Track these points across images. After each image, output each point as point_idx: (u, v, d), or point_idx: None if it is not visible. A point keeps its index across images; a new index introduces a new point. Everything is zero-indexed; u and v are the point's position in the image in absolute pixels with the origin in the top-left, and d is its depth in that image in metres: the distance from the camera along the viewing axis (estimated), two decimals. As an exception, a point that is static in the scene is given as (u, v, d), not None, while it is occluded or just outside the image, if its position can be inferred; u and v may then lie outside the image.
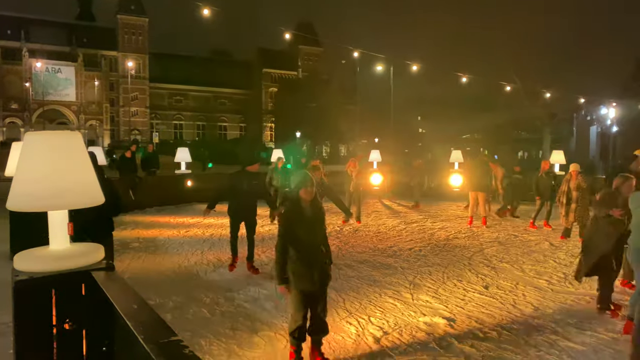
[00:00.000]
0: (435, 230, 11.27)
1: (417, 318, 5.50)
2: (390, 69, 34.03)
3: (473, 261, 8.28)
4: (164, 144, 59.85)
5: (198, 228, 11.44)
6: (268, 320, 5.37)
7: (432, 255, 8.72)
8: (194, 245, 9.54)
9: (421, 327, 5.24)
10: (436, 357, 4.46)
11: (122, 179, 13.98)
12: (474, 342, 4.81)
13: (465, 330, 5.14)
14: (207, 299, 6.11)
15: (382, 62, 25.84)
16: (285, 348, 4.65)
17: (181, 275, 7.34)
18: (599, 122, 39.49)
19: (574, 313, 5.63)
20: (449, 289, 6.62)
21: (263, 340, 4.83)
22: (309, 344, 4.34)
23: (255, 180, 7.64)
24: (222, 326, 5.19)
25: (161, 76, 75.29)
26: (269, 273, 7.41)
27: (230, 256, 7.69)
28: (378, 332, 5.05)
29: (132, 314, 2.06)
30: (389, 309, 5.78)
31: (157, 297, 6.14)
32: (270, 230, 9.94)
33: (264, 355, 4.50)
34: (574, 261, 8.18)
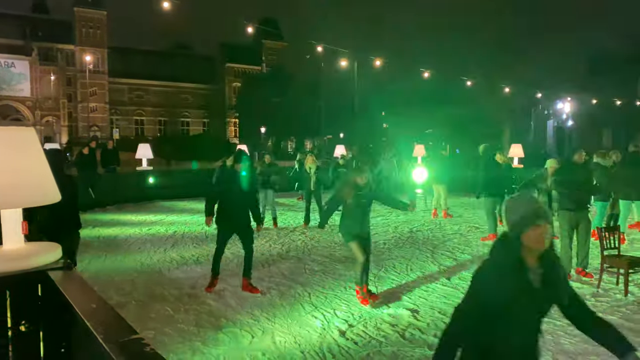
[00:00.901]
0: (399, 224, 11.42)
1: (382, 310, 5.57)
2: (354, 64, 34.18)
3: (436, 253, 8.44)
4: (124, 140, 58.45)
5: (161, 226, 11.25)
6: (233, 317, 5.34)
7: (396, 249, 8.85)
8: (156, 243, 9.38)
9: (385, 318, 5.32)
10: (400, 348, 4.53)
11: (81, 177, 13.60)
12: (437, 332, 4.91)
13: (428, 320, 5.25)
14: (170, 297, 6.03)
15: (345, 57, 25.95)
16: (250, 344, 4.65)
17: (144, 273, 7.20)
18: (556, 117, 40.83)
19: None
20: (413, 281, 6.73)
21: (228, 337, 4.80)
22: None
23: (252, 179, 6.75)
24: (186, 323, 5.14)
25: (121, 71, 73.47)
26: (234, 270, 7.37)
27: (208, 274, 6.51)
28: (343, 325, 5.10)
29: (91, 314, 2.01)
30: (354, 302, 5.84)
31: (119, 297, 6.02)
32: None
33: (228, 351, 4.48)
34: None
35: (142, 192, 15.32)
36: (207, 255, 8.27)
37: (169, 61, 76.81)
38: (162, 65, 75.97)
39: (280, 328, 5.04)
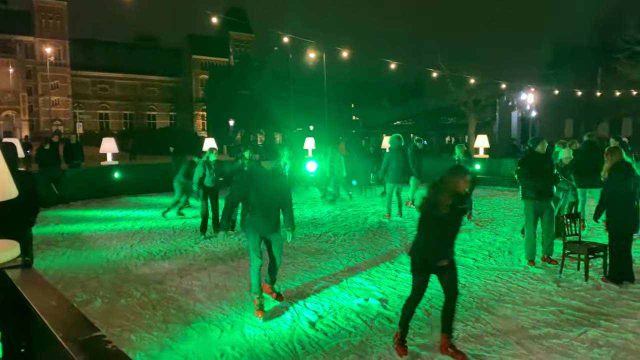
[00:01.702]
0: (369, 215, 11.51)
1: (351, 300, 5.62)
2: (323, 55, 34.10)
3: (404, 243, 8.53)
4: (88, 134, 57.02)
5: (127, 221, 11.04)
6: (201, 312, 5.30)
7: (366, 240, 8.92)
8: (123, 239, 9.20)
9: (355, 309, 5.36)
10: (369, 338, 4.58)
11: (43, 172, 13.21)
12: (405, 320, 4.98)
13: (397, 310, 5.30)
14: (137, 293, 5.93)
15: (314, 48, 25.87)
16: (219, 338, 4.62)
17: (110, 270, 7.06)
18: (520, 108, 41.74)
19: (497, 288, 5.96)
20: (382, 271, 6.80)
21: (196, 332, 4.76)
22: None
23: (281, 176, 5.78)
24: (153, 320, 5.07)
25: (84, 63, 71.43)
26: (202, 265, 7.31)
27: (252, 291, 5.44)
28: (313, 316, 5.12)
29: (50, 312, 1.96)
30: (324, 293, 5.87)
31: (84, 294, 5.89)
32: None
33: (197, 346, 4.44)
34: (497, 239, 8.67)
35: (107, 188, 14.98)
36: (174, 251, 8.18)
37: (133, 53, 75.08)
38: (126, 57, 74.20)
39: (249, 321, 5.02)
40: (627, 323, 4.75)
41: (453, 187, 4.00)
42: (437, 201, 3.98)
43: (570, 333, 4.57)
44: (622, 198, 5.89)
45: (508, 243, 8.32)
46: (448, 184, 4.02)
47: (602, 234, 7.70)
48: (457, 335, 4.57)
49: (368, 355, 4.22)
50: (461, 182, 4.02)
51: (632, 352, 4.15)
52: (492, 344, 4.38)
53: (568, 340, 4.41)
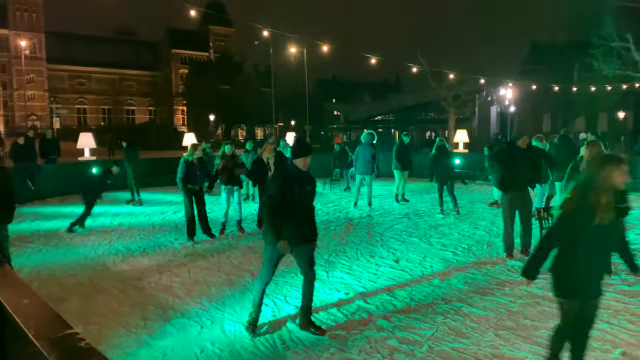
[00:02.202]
0: (350, 209, 11.53)
1: (332, 295, 5.62)
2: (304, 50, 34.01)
3: (385, 237, 8.59)
4: (66, 129, 55.96)
5: (105, 217, 10.88)
6: (181, 308, 5.25)
7: (347, 234, 8.93)
8: (101, 235, 9.07)
9: (335, 302, 5.36)
10: (350, 331, 4.59)
11: (18, 168, 12.93)
12: (386, 314, 5.01)
13: (377, 303, 5.34)
14: (115, 290, 5.85)
15: (295, 42, 25.77)
16: (199, 334, 4.58)
17: (87, 267, 6.94)
18: (499, 103, 42.24)
19: (476, 281, 6.03)
20: (363, 265, 6.82)
21: (175, 328, 4.71)
22: None
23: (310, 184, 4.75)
24: (132, 317, 5.00)
25: (60, 57, 70.03)
26: (181, 261, 7.24)
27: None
28: (293, 311, 5.11)
29: (23, 310, 1.92)
30: (305, 288, 5.85)
31: (60, 292, 5.79)
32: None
33: (176, 342, 4.40)
34: (477, 232, 8.77)
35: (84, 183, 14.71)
36: (153, 247, 8.09)
37: (111, 47, 73.86)
38: (104, 51, 72.96)
39: (230, 317, 4.99)
40: (601, 313, 4.84)
41: (610, 182, 3.06)
42: (596, 204, 3.03)
43: (547, 324, 4.63)
44: None
45: (487, 236, 8.42)
46: (602, 179, 3.06)
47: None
48: (436, 327, 4.61)
49: (348, 348, 4.22)
50: (617, 173, 3.07)
51: (607, 341, 4.24)
52: (470, 336, 4.42)
53: (545, 331, 4.48)
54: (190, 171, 8.23)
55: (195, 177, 8.28)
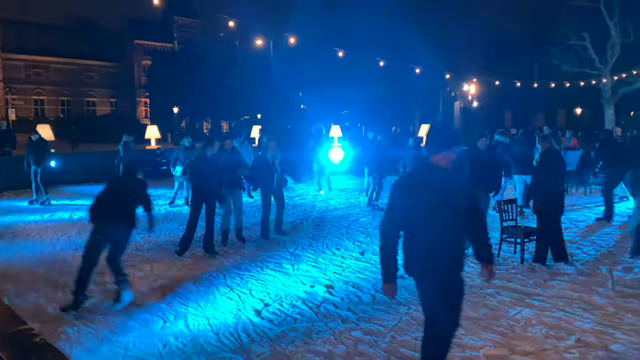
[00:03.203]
0: (316, 203, 11.56)
1: (298, 288, 5.63)
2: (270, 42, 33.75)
3: (350, 229, 8.65)
4: (22, 121, 53.92)
5: (65, 211, 10.57)
6: (143, 303, 5.16)
7: (313, 227, 8.95)
8: (60, 230, 8.80)
9: (301, 296, 5.38)
10: (315, 324, 4.61)
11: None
12: (350, 306, 5.05)
13: (342, 295, 5.37)
14: (75, 286, 5.68)
15: (261, 35, 25.52)
16: (162, 329, 4.52)
17: (45, 262, 6.73)
18: (462, 98, 43.04)
19: (438, 272, 6.13)
20: (328, 258, 6.85)
21: (138, 324, 4.63)
22: None
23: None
24: (92, 312, 4.88)
25: (15, 46, 67.27)
26: (145, 255, 7.11)
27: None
28: (259, 305, 5.09)
29: (-27, 306, 1.85)
30: (270, 281, 5.85)
31: (16, 288, 5.58)
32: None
33: (139, 338, 4.32)
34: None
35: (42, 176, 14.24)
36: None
37: (69, 36, 71.36)
38: (62, 40, 70.47)
39: (193, 311, 4.94)
40: (557, 302, 5.02)
41: None
42: None
43: (507, 313, 4.78)
44: (550, 182, 6.22)
45: (450, 229, 8.56)
46: None
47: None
48: (399, 318, 4.68)
49: (313, 341, 4.24)
50: None
51: (562, 329, 4.39)
52: (433, 326, 4.50)
53: (505, 321, 4.61)
54: (204, 170, 6.94)
55: (210, 179, 6.91)
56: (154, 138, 18.79)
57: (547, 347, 4.07)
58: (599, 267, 6.17)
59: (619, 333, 4.29)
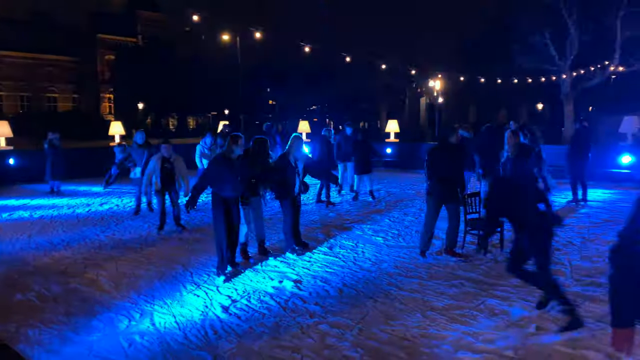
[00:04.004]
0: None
1: (266, 283, 5.62)
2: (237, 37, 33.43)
3: (320, 224, 8.67)
4: (-22, 118, 51.88)
5: (24, 210, 10.26)
6: (108, 302, 5.06)
7: (281, 222, 8.90)
8: (19, 229, 8.54)
9: (269, 291, 5.37)
10: (283, 318, 4.62)
11: None
12: (319, 300, 5.08)
13: (311, 290, 5.39)
14: (36, 286, 5.54)
15: (227, 29, 25.26)
16: (127, 328, 4.45)
17: (4, 263, 6.52)
18: (428, 94, 43.63)
19: (405, 264, 6.23)
20: (297, 253, 6.85)
21: (102, 323, 4.54)
22: None
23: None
24: (54, 313, 4.77)
25: (-33, 39, 64.57)
26: (109, 253, 6.98)
27: None
28: (226, 301, 5.07)
29: None
30: (238, 278, 5.82)
31: (-27, 290, 5.40)
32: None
33: (103, 338, 4.24)
34: (406, 218, 9.04)
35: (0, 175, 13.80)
36: (78, 240, 7.73)
37: (26, 30, 68.96)
38: (18, 34, 67.96)
39: (159, 309, 4.87)
40: (519, 292, 5.17)
41: None
42: None
43: (471, 304, 4.89)
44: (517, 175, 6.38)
45: (416, 222, 8.70)
46: None
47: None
48: (366, 311, 4.73)
49: (281, 335, 4.25)
50: None
51: (524, 318, 4.52)
52: (399, 317, 4.57)
53: (468, 310, 4.72)
54: (226, 173, 5.90)
55: (232, 181, 5.93)
56: (118, 134, 18.44)
57: (509, 335, 4.19)
58: (559, 256, 6.37)
59: (576, 320, 4.44)
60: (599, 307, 4.71)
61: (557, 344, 4.00)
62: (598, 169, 12.71)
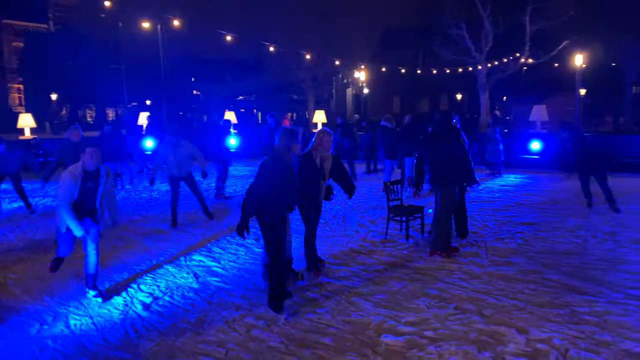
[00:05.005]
0: (209, 192, 11.28)
1: (189, 279, 5.48)
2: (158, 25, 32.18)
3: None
4: None
5: None
6: (17, 306, 4.73)
7: (207, 215, 8.73)
8: None
9: (194, 286, 5.24)
10: (207, 313, 4.52)
11: None
12: (245, 293, 5.02)
13: (236, 282, 5.32)
14: None
15: (147, 16, 24.23)
16: (39, 333, 4.18)
17: None
18: (353, 85, 44.29)
19: (331, 252, 6.30)
20: (222, 247, 6.74)
21: (9, 329, 4.25)
22: None
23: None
24: (-46, 322, 4.39)
25: None
26: (18, 255, 6.52)
27: None
28: (147, 299, 4.89)
29: None
30: (161, 274, 5.64)
31: None
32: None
33: (10, 344, 3.96)
34: (334, 207, 9.14)
35: None
36: (-17, 241, 7.15)
37: None
38: None
39: (75, 311, 4.62)
40: (439, 274, 5.38)
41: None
42: None
43: (393, 288, 5.03)
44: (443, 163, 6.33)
45: (342, 210, 8.82)
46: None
47: (422, 198, 8.61)
48: (293, 300, 4.73)
49: (205, 331, 4.16)
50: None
51: (443, 299, 4.71)
52: (325, 305, 4.62)
53: (391, 295, 4.85)
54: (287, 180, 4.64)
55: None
56: (28, 127, 17.27)
57: (429, 316, 4.35)
58: (475, 239, 6.70)
59: (490, 298, 4.70)
60: (511, 285, 5.00)
61: (474, 322, 4.21)
62: (510, 156, 13.50)
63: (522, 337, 3.93)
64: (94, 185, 4.81)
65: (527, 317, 4.28)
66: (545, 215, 8.11)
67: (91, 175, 4.78)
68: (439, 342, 3.90)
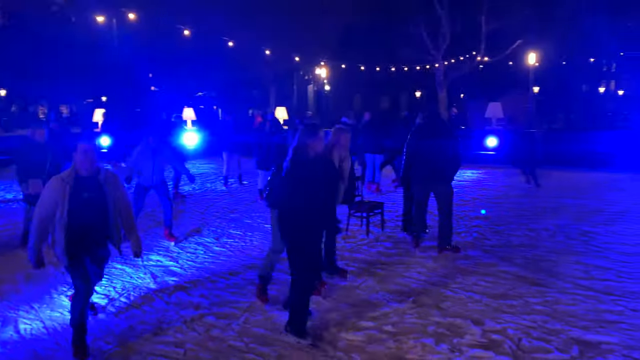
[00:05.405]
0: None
1: (147, 279, 5.36)
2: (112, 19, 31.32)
3: (206, 215, 8.46)
4: None
5: None
6: (-37, 312, 4.51)
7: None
8: None
9: (151, 287, 5.14)
10: (165, 314, 4.44)
11: None
12: (204, 292, 4.96)
13: (195, 282, 5.25)
14: None
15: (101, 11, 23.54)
16: (10, 337, 4.01)
17: None
18: (315, 82, 44.32)
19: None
20: (181, 246, 6.62)
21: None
22: None
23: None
24: None
25: None
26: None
27: None
28: (103, 300, 4.76)
29: None
30: (117, 275, 5.49)
31: None
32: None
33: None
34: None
35: None
36: None
37: None
38: None
39: (26, 315, 4.45)
40: (397, 269, 5.47)
41: None
42: None
43: (355, 283, 5.08)
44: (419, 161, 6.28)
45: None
46: None
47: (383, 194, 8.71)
48: (253, 300, 4.70)
49: (163, 331, 4.09)
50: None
51: (402, 293, 4.79)
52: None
53: (352, 289, 4.90)
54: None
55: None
56: (-27, 124, 16.51)
57: (389, 310, 4.41)
58: (433, 233, 6.82)
59: (448, 291, 4.81)
60: (467, 278, 5.13)
61: (431, 316, 4.30)
62: (467, 152, 13.82)
63: (478, 328, 4.03)
64: (93, 197, 3.66)
65: (483, 308, 4.40)
66: (500, 210, 8.36)
67: (87, 183, 3.64)
68: (397, 336, 3.96)
